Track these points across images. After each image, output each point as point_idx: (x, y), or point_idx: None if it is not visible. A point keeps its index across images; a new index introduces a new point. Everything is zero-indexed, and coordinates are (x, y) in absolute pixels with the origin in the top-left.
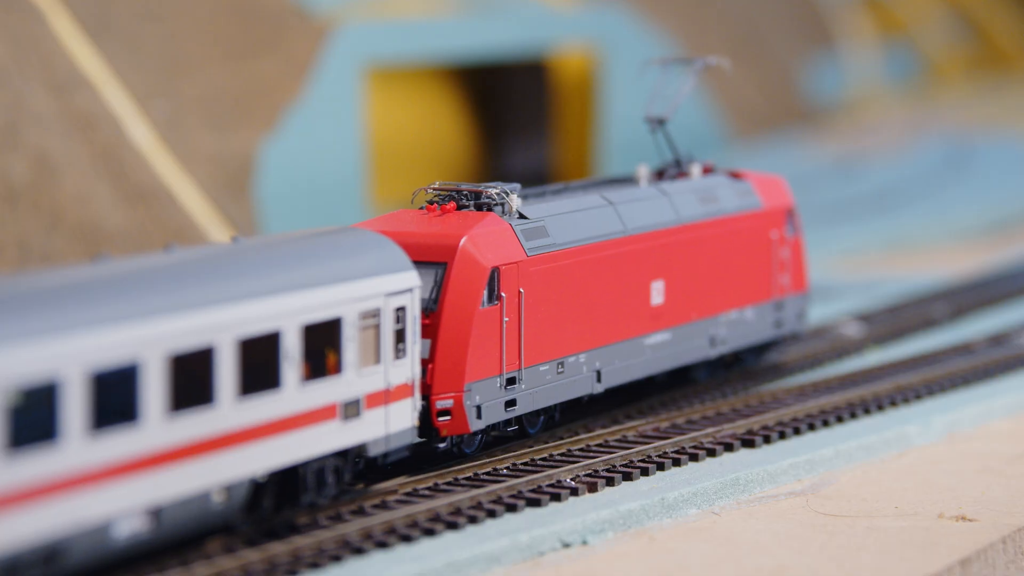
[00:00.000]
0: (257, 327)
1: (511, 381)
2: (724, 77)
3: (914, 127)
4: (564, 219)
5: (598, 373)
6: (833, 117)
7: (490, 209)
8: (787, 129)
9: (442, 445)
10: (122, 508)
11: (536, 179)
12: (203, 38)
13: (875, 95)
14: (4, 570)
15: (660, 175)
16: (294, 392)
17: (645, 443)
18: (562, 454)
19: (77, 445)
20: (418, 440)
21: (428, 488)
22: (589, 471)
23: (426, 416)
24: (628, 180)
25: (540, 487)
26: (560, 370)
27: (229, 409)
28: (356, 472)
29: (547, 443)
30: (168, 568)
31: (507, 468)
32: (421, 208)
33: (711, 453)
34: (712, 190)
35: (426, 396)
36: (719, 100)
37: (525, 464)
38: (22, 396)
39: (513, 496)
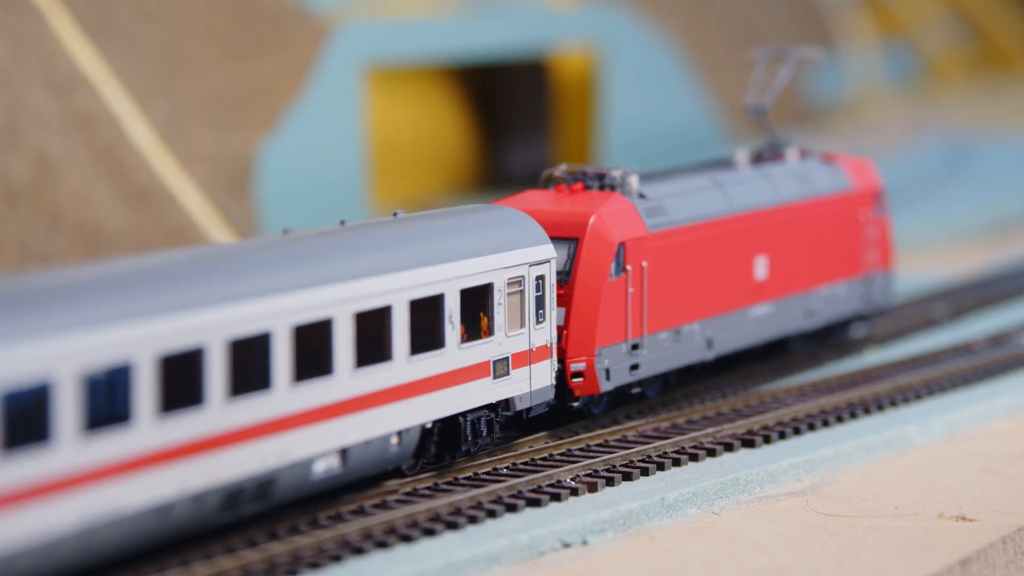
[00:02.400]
0: (425, 291)
1: (635, 347)
2: (724, 77)
3: (914, 127)
4: (679, 198)
5: (709, 341)
6: (833, 117)
7: (613, 189)
8: (787, 129)
9: (575, 404)
10: (320, 449)
11: (536, 179)
12: (203, 38)
13: (875, 95)
14: (227, 496)
15: (758, 158)
16: (455, 351)
17: (645, 443)
18: (562, 454)
19: (284, 392)
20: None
21: (428, 488)
22: (589, 471)
23: (560, 378)
24: (726, 163)
25: (540, 487)
26: (676, 338)
27: (404, 364)
28: (502, 425)
29: (547, 443)
30: (168, 568)
31: (507, 468)
32: (549, 188)
33: (711, 453)
34: (808, 172)
35: (560, 359)
36: (719, 100)
37: (525, 464)
38: (238, 349)
39: (513, 496)
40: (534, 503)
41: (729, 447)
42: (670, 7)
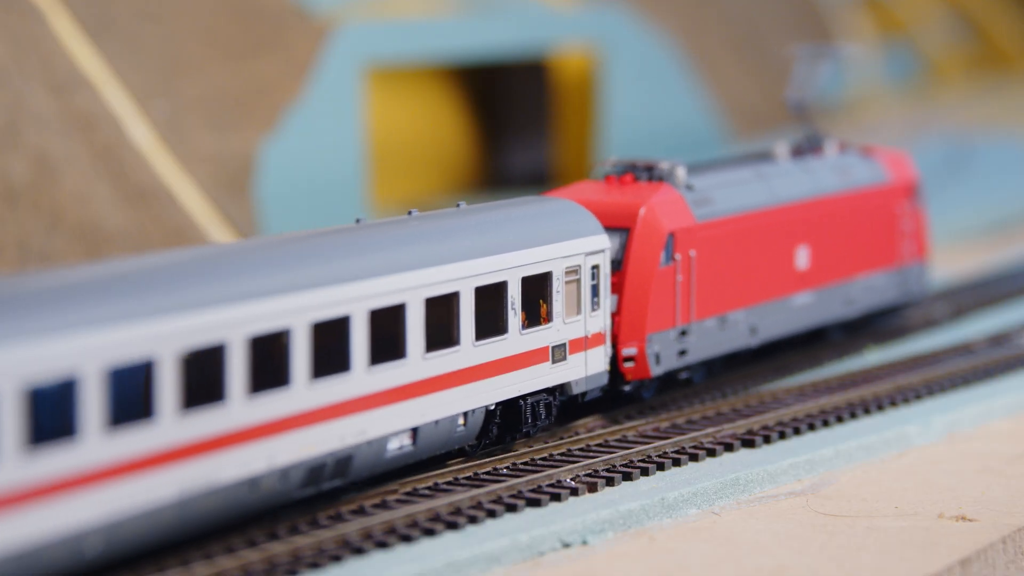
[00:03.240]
0: (489, 279)
1: (683, 333)
2: (724, 77)
3: (914, 127)
4: (725, 190)
5: (753, 329)
6: (833, 117)
7: (662, 180)
8: (787, 129)
9: (627, 388)
10: (393, 428)
11: (536, 179)
12: (203, 38)
13: (875, 95)
14: (310, 471)
15: (798, 151)
16: (517, 336)
17: (645, 443)
18: (562, 454)
19: (362, 374)
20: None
21: (428, 488)
22: (589, 471)
23: (612, 363)
24: (767, 155)
25: (540, 487)
26: (722, 325)
27: (470, 349)
28: (559, 408)
29: (547, 443)
30: (168, 568)
31: (507, 468)
32: (600, 180)
33: (711, 453)
34: (847, 165)
35: (612, 345)
36: (719, 100)
37: (525, 464)
38: (320, 333)
39: (513, 496)
40: (534, 503)
41: (729, 447)
42: (670, 7)
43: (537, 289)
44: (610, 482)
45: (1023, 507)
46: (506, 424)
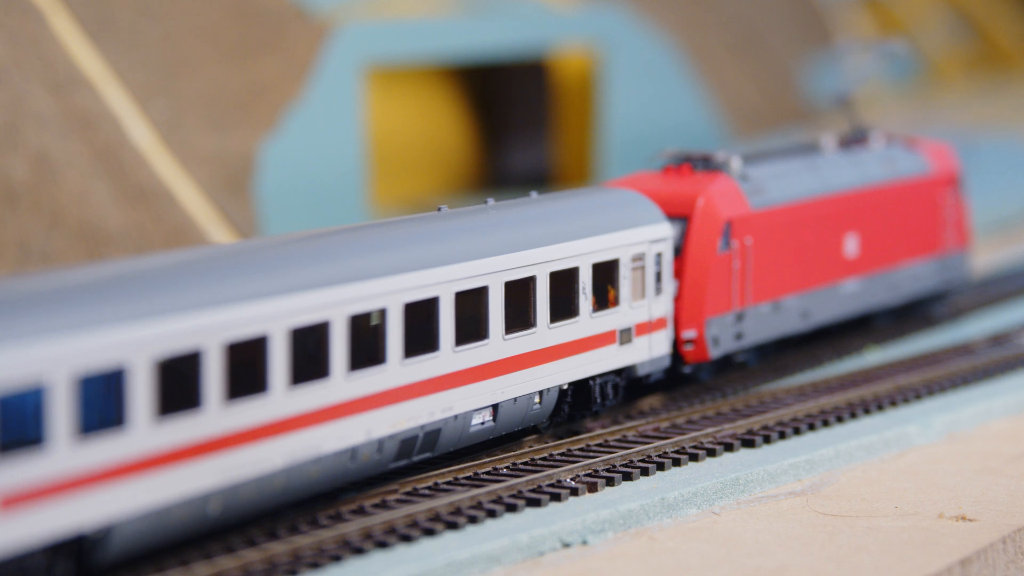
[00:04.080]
0: (563, 264)
1: (739, 317)
2: (724, 77)
3: (914, 127)
4: (778, 179)
5: (805, 314)
6: (833, 117)
7: (718, 170)
8: (787, 129)
9: (687, 370)
10: (477, 404)
11: (536, 179)
12: (203, 38)
13: (875, 95)
14: (403, 443)
15: (844, 143)
16: (587, 319)
17: (645, 443)
18: (562, 454)
19: (448, 353)
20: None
21: (428, 488)
22: (589, 471)
23: (673, 345)
24: (814, 146)
25: (540, 487)
26: (776, 310)
27: (545, 331)
28: (625, 389)
29: (547, 443)
30: (168, 568)
31: (507, 468)
32: (658, 170)
33: (711, 453)
34: (892, 156)
35: (673, 328)
36: (719, 100)
37: (525, 464)
38: (411, 313)
39: (513, 496)
40: (534, 503)
41: (729, 447)
42: (670, 7)
43: (606, 275)
44: (610, 482)
45: (1023, 507)
46: (576, 404)
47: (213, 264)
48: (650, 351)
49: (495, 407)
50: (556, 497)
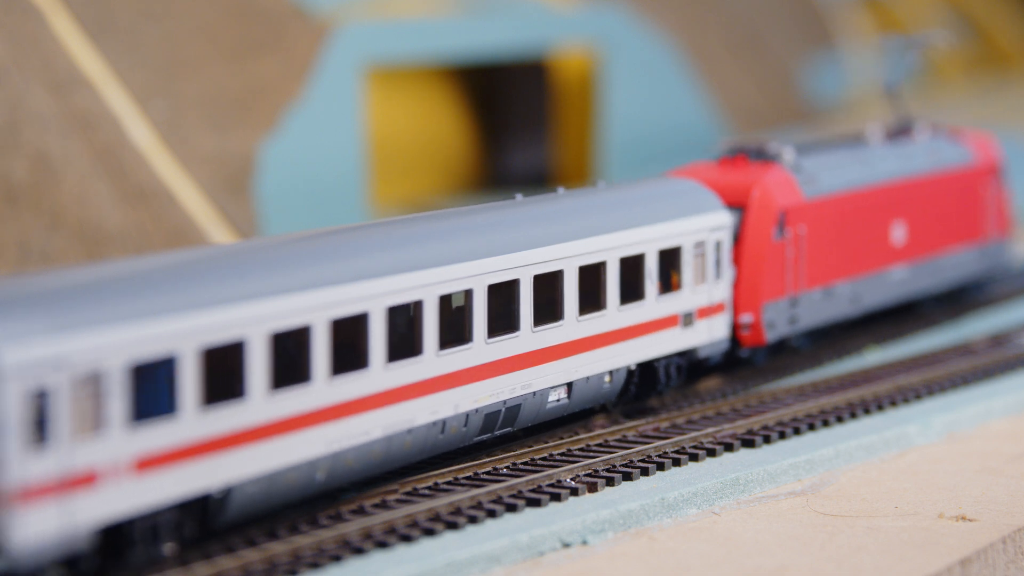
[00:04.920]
0: (632, 250)
1: (793, 303)
2: (724, 77)
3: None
4: (829, 170)
5: (855, 299)
6: (833, 117)
7: (772, 161)
8: (787, 128)
9: (743, 354)
10: (553, 382)
11: (536, 179)
12: (203, 38)
13: (875, 95)
14: (487, 417)
15: (890, 134)
16: (653, 303)
17: (645, 443)
18: (562, 454)
19: (528, 334)
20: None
21: (428, 488)
22: (589, 471)
23: (730, 329)
24: (859, 138)
25: (540, 487)
26: (828, 295)
27: (615, 313)
28: (687, 371)
29: (547, 443)
30: (168, 568)
31: (507, 468)
32: (714, 161)
33: (711, 453)
34: (937, 147)
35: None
36: (719, 100)
37: (525, 464)
38: (494, 295)
39: (513, 496)
40: (534, 503)
41: (729, 447)
42: (670, 7)
43: (670, 260)
44: (610, 482)
45: (1023, 507)
46: (642, 384)
47: (318, 248)
48: (710, 334)
49: (569, 385)
50: (556, 497)
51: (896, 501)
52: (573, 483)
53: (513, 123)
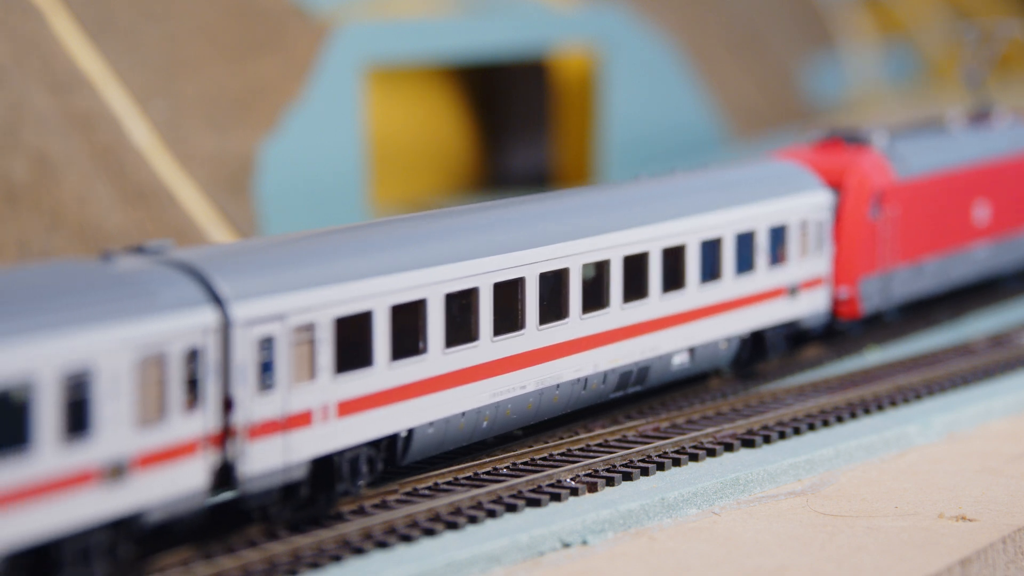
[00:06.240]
0: (746, 225)
1: (887, 278)
2: (724, 77)
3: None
4: (918, 153)
5: (942, 275)
6: (833, 117)
7: (866, 144)
8: (787, 129)
9: (841, 326)
10: (677, 346)
11: (536, 179)
12: (203, 38)
13: (875, 95)
14: (621, 376)
15: (971, 119)
16: (764, 275)
17: (645, 443)
18: (562, 454)
19: (656, 300)
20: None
21: (428, 488)
22: (589, 471)
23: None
24: (941, 123)
25: (540, 487)
26: (918, 272)
27: (731, 283)
28: (792, 340)
29: (547, 443)
30: (168, 568)
31: (507, 468)
32: (811, 144)
33: (711, 453)
34: (1015, 131)
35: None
36: (719, 100)
37: (525, 464)
38: (629, 266)
39: (513, 496)
40: (534, 503)
41: (729, 447)
42: (670, 7)
43: (777, 236)
44: (610, 482)
45: (1023, 507)
46: (753, 352)
47: (479, 221)
48: (812, 306)
49: (692, 349)
50: (556, 497)
51: (896, 501)
52: (573, 483)
53: (513, 123)
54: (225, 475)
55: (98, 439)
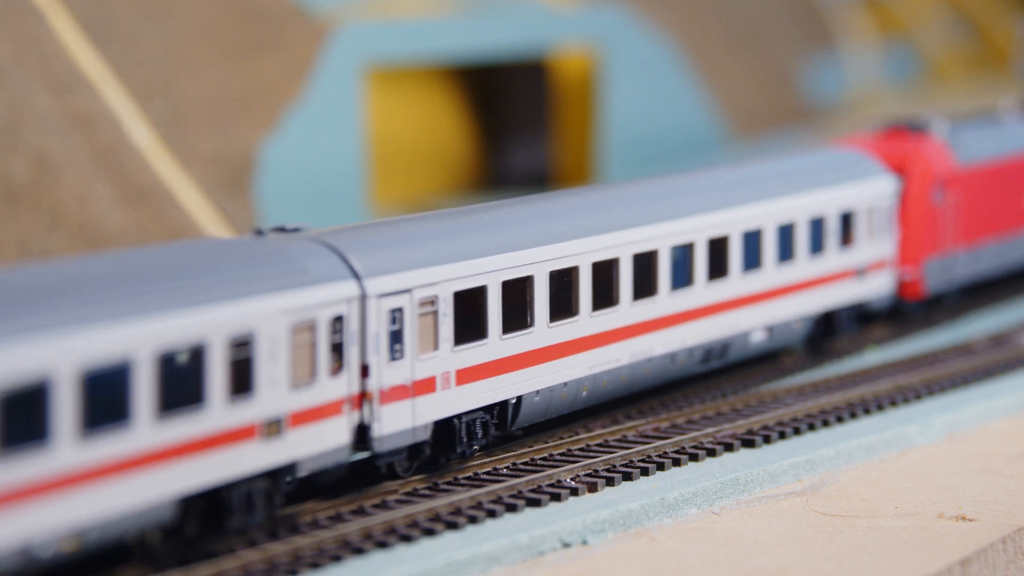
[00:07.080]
0: (817, 210)
1: (949, 261)
2: (724, 77)
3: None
4: (977, 141)
5: (999, 259)
6: (833, 117)
7: (928, 133)
8: (787, 129)
9: (905, 307)
10: (756, 324)
11: (536, 179)
12: (203, 38)
13: (875, 95)
14: (705, 351)
15: (1022, 110)
16: (833, 257)
17: (645, 443)
18: (562, 454)
19: (737, 279)
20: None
21: (428, 488)
22: (589, 471)
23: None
24: (994, 114)
25: (540, 487)
26: (978, 255)
27: (804, 264)
28: (858, 320)
29: (547, 443)
30: (168, 568)
31: (507, 468)
32: (874, 133)
33: (711, 453)
34: None
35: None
36: (719, 100)
37: (525, 464)
38: (713, 248)
39: (513, 496)
40: (534, 503)
41: (729, 447)
42: (670, 7)
43: (846, 220)
44: (610, 482)
45: (1023, 507)
46: (824, 331)
47: (582, 204)
48: (878, 288)
49: (769, 327)
50: (556, 497)
51: (896, 501)
52: (573, 483)
53: (513, 123)
54: (361, 435)
55: (259, 398)
